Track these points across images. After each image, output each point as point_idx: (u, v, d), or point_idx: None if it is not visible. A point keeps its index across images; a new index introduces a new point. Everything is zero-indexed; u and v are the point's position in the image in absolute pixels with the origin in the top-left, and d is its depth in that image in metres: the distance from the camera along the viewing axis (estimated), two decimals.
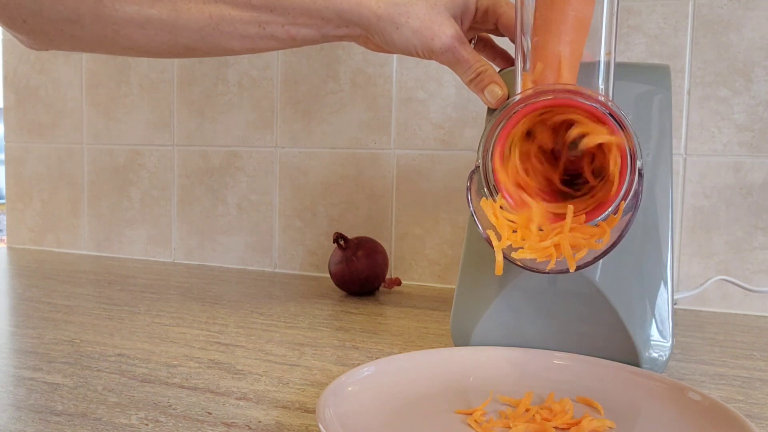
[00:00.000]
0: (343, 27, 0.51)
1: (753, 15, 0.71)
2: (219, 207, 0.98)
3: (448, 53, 0.50)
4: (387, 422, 0.38)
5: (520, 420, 0.38)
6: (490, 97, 0.49)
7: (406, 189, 0.86)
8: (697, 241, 0.74)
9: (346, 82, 0.89)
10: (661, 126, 0.50)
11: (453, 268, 0.85)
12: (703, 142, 0.73)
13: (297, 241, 0.93)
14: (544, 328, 0.49)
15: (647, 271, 0.49)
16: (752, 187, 0.72)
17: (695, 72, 0.73)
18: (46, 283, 0.81)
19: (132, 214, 1.04)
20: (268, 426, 0.38)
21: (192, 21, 0.50)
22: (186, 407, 0.41)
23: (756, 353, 0.57)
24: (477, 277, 0.52)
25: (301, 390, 0.45)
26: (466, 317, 0.52)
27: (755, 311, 0.72)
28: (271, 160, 0.94)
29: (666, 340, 0.47)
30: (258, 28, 0.51)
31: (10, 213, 1.14)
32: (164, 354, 0.52)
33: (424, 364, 0.45)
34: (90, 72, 1.06)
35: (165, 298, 0.73)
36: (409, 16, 0.50)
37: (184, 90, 0.99)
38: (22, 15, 0.49)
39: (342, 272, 0.76)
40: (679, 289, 0.73)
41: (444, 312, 0.69)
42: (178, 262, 1.01)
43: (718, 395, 0.45)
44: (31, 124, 1.11)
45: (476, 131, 0.83)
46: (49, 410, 0.40)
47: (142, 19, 0.50)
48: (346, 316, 0.67)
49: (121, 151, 1.04)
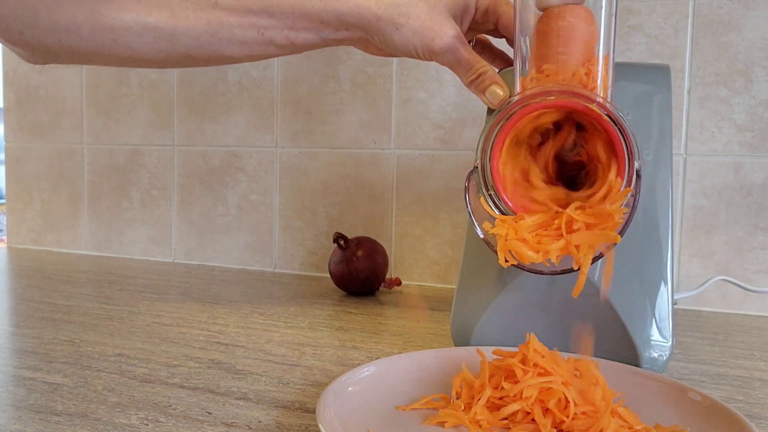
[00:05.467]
0: (343, 30, 0.51)
1: (753, 15, 0.71)
2: (219, 207, 0.98)
3: (449, 54, 0.50)
4: (387, 422, 0.38)
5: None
6: (491, 98, 0.49)
7: (406, 189, 0.86)
8: (697, 241, 0.74)
9: (346, 82, 0.89)
10: (661, 126, 0.50)
11: (453, 268, 0.85)
12: (703, 142, 0.73)
13: (297, 241, 0.93)
14: (544, 328, 0.49)
15: (647, 271, 0.49)
16: (752, 187, 0.72)
17: (695, 72, 0.73)
18: (46, 283, 0.81)
19: (132, 214, 1.04)
20: (268, 426, 0.39)
21: (190, 28, 0.50)
22: (186, 407, 0.41)
23: (756, 353, 0.57)
24: (477, 277, 0.52)
25: (301, 390, 0.45)
26: (466, 317, 0.52)
27: (755, 311, 0.72)
28: (271, 160, 0.94)
29: (666, 340, 0.47)
30: (257, 33, 0.51)
31: (10, 213, 1.14)
32: (164, 354, 0.52)
33: (424, 364, 0.45)
34: (90, 72, 1.06)
35: (165, 298, 0.73)
36: (410, 16, 0.49)
37: (184, 90, 0.99)
38: (19, 27, 0.49)
39: (342, 272, 0.76)
40: (679, 289, 0.73)
41: (444, 312, 0.69)
42: (178, 262, 1.01)
43: (718, 395, 0.45)
44: (31, 124, 1.11)
45: (476, 131, 0.83)
46: (49, 410, 0.40)
47: (140, 28, 0.50)
48: (346, 316, 0.67)
49: (121, 151, 1.04)
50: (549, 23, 0.43)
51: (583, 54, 0.43)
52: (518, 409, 0.37)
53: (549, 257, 0.41)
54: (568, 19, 0.43)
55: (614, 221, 0.39)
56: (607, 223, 0.40)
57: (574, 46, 0.43)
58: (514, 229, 0.42)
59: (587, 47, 0.43)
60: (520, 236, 0.41)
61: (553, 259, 0.41)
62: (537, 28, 0.44)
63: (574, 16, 0.43)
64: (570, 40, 0.43)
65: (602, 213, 0.40)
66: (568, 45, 0.43)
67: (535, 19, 0.44)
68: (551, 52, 0.43)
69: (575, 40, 0.43)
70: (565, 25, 0.43)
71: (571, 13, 0.43)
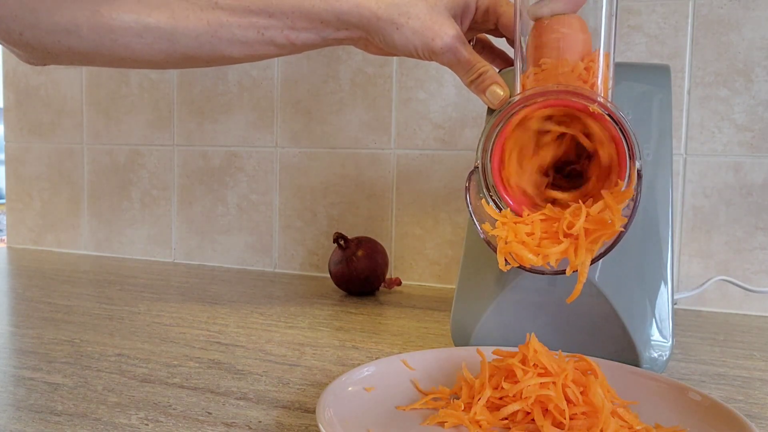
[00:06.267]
0: (343, 29, 0.51)
1: (753, 15, 0.71)
2: (219, 207, 0.98)
3: (449, 53, 0.50)
4: (387, 422, 0.38)
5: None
6: (491, 98, 0.49)
7: (406, 189, 0.86)
8: (697, 241, 0.74)
9: (346, 82, 0.89)
10: (661, 126, 0.50)
11: (453, 268, 0.85)
12: (703, 142, 0.73)
13: (297, 241, 0.93)
14: (544, 328, 0.49)
15: (647, 271, 0.49)
16: (752, 187, 0.72)
17: (695, 72, 0.73)
18: (46, 283, 0.81)
19: (132, 214, 1.04)
20: (268, 426, 0.38)
21: (190, 28, 0.50)
22: (186, 407, 0.41)
23: (756, 353, 0.57)
24: (477, 277, 0.52)
25: (301, 390, 0.45)
26: (466, 317, 0.52)
27: (755, 311, 0.72)
28: (271, 160, 0.94)
29: (666, 340, 0.47)
30: (257, 33, 0.51)
31: (10, 213, 1.14)
32: (164, 354, 0.52)
33: (423, 364, 0.45)
34: (90, 72, 1.06)
35: (165, 298, 0.73)
36: (410, 16, 0.49)
37: (184, 90, 0.99)
38: (19, 28, 0.49)
39: (342, 272, 0.76)
40: (679, 289, 0.73)
41: (444, 312, 0.69)
42: (178, 262, 1.01)
43: (718, 395, 0.45)
44: (31, 124, 1.11)
45: (476, 131, 0.83)
46: (49, 410, 0.40)
47: (140, 28, 0.50)
48: (346, 316, 0.67)
49: (121, 151, 1.04)
50: (540, 37, 0.43)
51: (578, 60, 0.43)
52: (518, 409, 0.37)
53: (549, 260, 0.41)
54: (560, 30, 0.43)
55: (613, 229, 0.39)
56: (606, 230, 0.40)
57: (570, 57, 0.43)
58: (514, 232, 0.41)
59: (582, 56, 0.43)
60: (520, 239, 0.41)
61: (552, 263, 0.41)
62: (529, 41, 0.44)
63: (566, 26, 0.43)
64: (564, 51, 0.43)
65: (602, 220, 0.40)
66: (562, 57, 0.43)
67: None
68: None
69: (568, 50, 0.43)
70: (557, 36, 0.43)
71: (561, 23, 0.43)
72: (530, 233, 0.41)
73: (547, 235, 0.41)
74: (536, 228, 0.41)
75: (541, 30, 0.44)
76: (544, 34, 0.43)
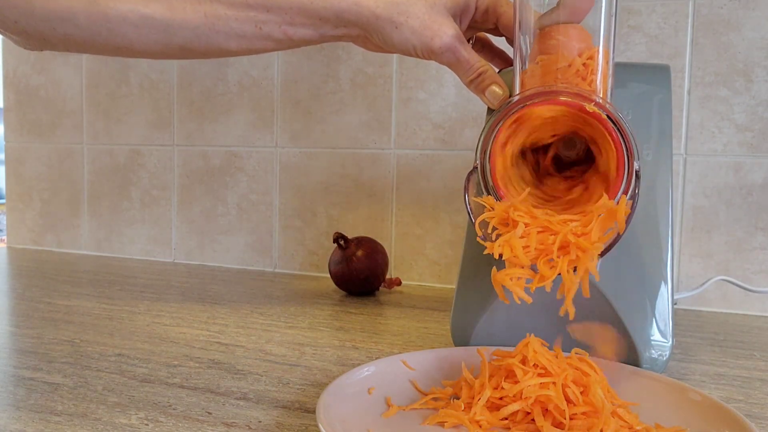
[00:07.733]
0: (342, 27, 0.51)
1: (753, 15, 0.71)
2: (219, 207, 0.98)
3: (448, 53, 0.50)
4: (387, 422, 0.38)
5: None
6: (490, 98, 0.49)
7: (406, 189, 0.86)
8: (697, 241, 0.74)
9: (346, 82, 0.89)
10: (661, 126, 0.50)
11: (453, 268, 0.85)
12: (703, 142, 0.73)
13: (297, 241, 0.93)
14: (544, 328, 0.49)
15: (647, 271, 0.49)
16: (752, 187, 0.72)
17: (695, 72, 0.73)
18: (46, 283, 0.81)
19: (132, 214, 1.04)
20: (268, 426, 0.38)
21: (187, 20, 0.50)
22: (186, 407, 0.41)
23: (756, 353, 0.57)
24: (477, 277, 0.52)
25: (301, 390, 0.45)
26: (466, 317, 0.52)
27: (755, 311, 0.72)
28: (271, 160, 0.94)
29: (666, 340, 0.47)
30: (254, 27, 0.51)
31: (10, 213, 1.14)
32: (164, 354, 0.52)
33: (424, 364, 0.45)
34: (90, 72, 1.06)
35: (165, 298, 0.73)
36: (409, 15, 0.49)
37: (184, 90, 0.99)
38: (14, 15, 0.49)
39: (342, 272, 0.76)
40: (679, 289, 0.73)
41: (444, 312, 0.69)
42: (178, 262, 1.01)
43: (718, 395, 0.45)
44: (31, 124, 1.11)
45: (476, 131, 0.83)
46: (49, 410, 0.40)
47: (137, 18, 0.49)
48: (346, 316, 0.67)
49: (121, 151, 1.04)
50: (541, 43, 0.44)
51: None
52: (518, 409, 0.37)
53: (545, 283, 0.40)
54: (558, 38, 0.43)
55: (600, 247, 0.39)
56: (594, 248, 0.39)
57: (568, 54, 0.43)
58: (509, 246, 0.41)
59: (580, 53, 0.43)
60: (515, 253, 0.40)
61: (547, 288, 0.40)
62: (533, 49, 0.44)
63: (564, 34, 0.43)
64: (562, 50, 0.43)
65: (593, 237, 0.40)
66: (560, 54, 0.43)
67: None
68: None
69: (566, 49, 0.43)
70: (554, 43, 0.43)
71: (560, 32, 0.43)
72: (526, 246, 0.41)
73: (543, 246, 0.40)
74: (532, 240, 0.40)
75: (543, 37, 0.44)
76: (544, 41, 0.44)
